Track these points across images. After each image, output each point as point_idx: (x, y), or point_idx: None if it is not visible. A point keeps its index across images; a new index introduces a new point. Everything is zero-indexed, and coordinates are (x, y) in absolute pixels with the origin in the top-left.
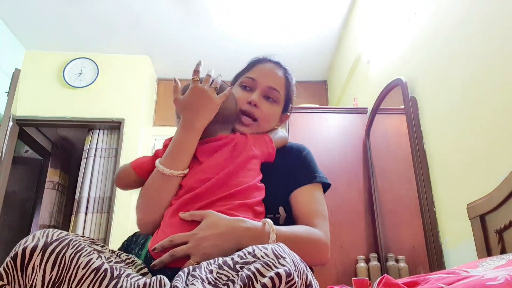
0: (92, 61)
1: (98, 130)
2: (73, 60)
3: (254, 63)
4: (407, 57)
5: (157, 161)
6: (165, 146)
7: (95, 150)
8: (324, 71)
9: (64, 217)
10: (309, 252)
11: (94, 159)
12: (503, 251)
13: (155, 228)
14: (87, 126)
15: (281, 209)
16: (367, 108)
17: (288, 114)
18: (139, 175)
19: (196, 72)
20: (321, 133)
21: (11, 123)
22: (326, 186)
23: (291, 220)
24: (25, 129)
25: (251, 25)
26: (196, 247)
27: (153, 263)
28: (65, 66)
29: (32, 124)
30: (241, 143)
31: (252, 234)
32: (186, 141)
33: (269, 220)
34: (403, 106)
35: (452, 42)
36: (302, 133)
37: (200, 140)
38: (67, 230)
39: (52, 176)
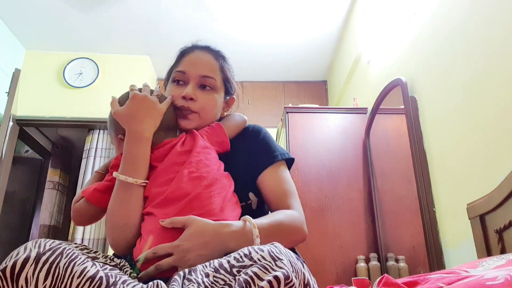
0: (92, 61)
1: (98, 130)
2: (73, 60)
3: (181, 55)
4: (407, 57)
5: (115, 173)
6: (114, 165)
7: (95, 150)
8: (324, 71)
9: (64, 217)
10: (291, 236)
11: (94, 159)
12: (503, 251)
13: (130, 246)
14: (87, 126)
15: (251, 195)
16: (367, 108)
17: (234, 97)
18: (96, 204)
19: (132, 86)
20: (321, 133)
21: (11, 123)
22: (290, 162)
23: (262, 202)
24: (25, 129)
25: (251, 25)
26: (182, 259)
27: (139, 276)
28: (65, 66)
29: (32, 124)
30: (189, 138)
31: (237, 236)
32: (138, 152)
33: (248, 217)
34: (403, 106)
35: (452, 42)
36: (302, 133)
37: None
38: (68, 230)
39: (52, 176)
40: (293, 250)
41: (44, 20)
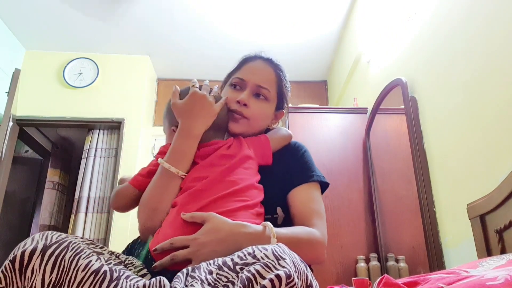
0: (92, 61)
1: (98, 130)
2: (73, 60)
3: (243, 62)
4: (407, 57)
5: (160, 160)
6: (161, 152)
7: (95, 150)
8: (324, 71)
9: (64, 217)
10: (307, 253)
11: (94, 159)
12: (503, 251)
13: (156, 231)
14: (87, 126)
15: (279, 210)
16: (367, 108)
17: (283, 111)
18: (137, 187)
19: (193, 83)
20: (321, 133)
21: (11, 123)
22: (324, 186)
23: (289, 220)
24: (25, 129)
25: (251, 26)
26: (196, 253)
27: (154, 265)
28: (65, 66)
29: (32, 124)
30: (235, 144)
31: (253, 239)
32: (185, 147)
33: (269, 223)
34: (403, 106)
35: (452, 42)
36: (302, 133)
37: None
38: (67, 230)
39: (52, 176)
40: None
41: (44, 20)
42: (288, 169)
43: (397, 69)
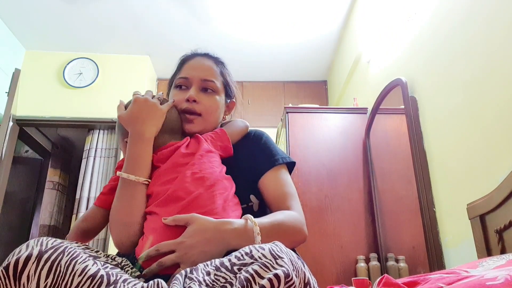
0: (92, 61)
1: (98, 130)
2: (73, 60)
3: (182, 63)
4: (407, 57)
5: (118, 172)
6: (119, 166)
7: (95, 150)
8: (324, 71)
9: (64, 217)
10: (292, 236)
11: (94, 159)
12: (503, 251)
13: (133, 246)
14: (87, 126)
15: (252, 197)
16: (367, 108)
17: (234, 100)
18: (103, 206)
19: (135, 92)
20: (321, 133)
21: (11, 123)
22: (291, 166)
23: (264, 204)
24: (25, 129)
25: (251, 26)
26: (184, 256)
27: (143, 273)
28: (65, 66)
29: (32, 124)
30: (193, 141)
31: (238, 233)
32: (140, 152)
33: (250, 216)
34: (403, 106)
35: (452, 42)
36: (302, 133)
37: (153, 153)
38: (67, 230)
39: (52, 176)
40: (294, 251)
41: (44, 20)
42: (252, 157)
43: (397, 69)
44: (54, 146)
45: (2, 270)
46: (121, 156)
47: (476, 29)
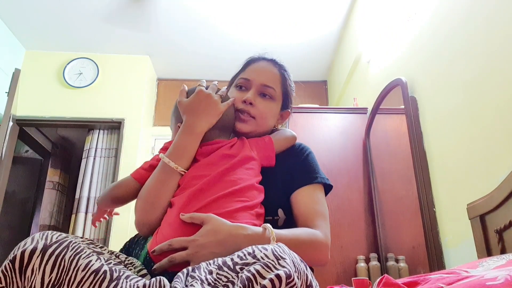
0: (92, 61)
1: (98, 130)
2: (73, 60)
3: (247, 64)
4: (407, 57)
5: (161, 154)
6: (164, 148)
7: (95, 150)
8: (324, 71)
9: (64, 217)
10: (309, 254)
11: (94, 159)
12: (503, 251)
13: (153, 230)
14: (87, 126)
15: (280, 211)
16: (367, 108)
17: (289, 111)
18: (138, 180)
19: (201, 82)
20: (321, 133)
21: (11, 123)
22: (327, 188)
23: (290, 222)
24: (25, 129)
25: (251, 26)
26: (195, 255)
27: (153, 267)
28: (65, 66)
29: (32, 124)
30: (238, 144)
31: (252, 241)
32: (187, 143)
33: (268, 225)
34: (403, 106)
35: (452, 42)
36: (302, 133)
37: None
38: (67, 230)
39: (52, 176)
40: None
41: (44, 20)
42: (291, 171)
43: (397, 69)
44: (54, 146)
45: (8, 263)
46: (122, 156)
47: (476, 29)
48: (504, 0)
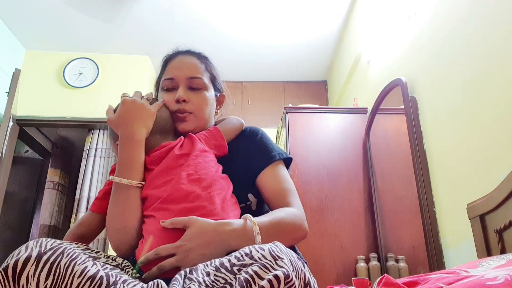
0: (92, 61)
1: (98, 130)
2: (73, 60)
3: (165, 63)
4: (407, 57)
5: (111, 176)
6: (113, 170)
7: (95, 150)
8: (324, 71)
9: (64, 217)
10: (292, 233)
11: (94, 159)
12: (503, 251)
13: (132, 250)
14: (87, 126)
15: (250, 196)
16: (367, 108)
17: (224, 94)
18: (98, 212)
19: (123, 94)
20: (321, 133)
21: (11, 123)
22: (288, 162)
23: (262, 203)
24: (25, 129)
25: (251, 26)
26: (184, 259)
27: (143, 277)
28: (65, 66)
29: (32, 124)
30: (187, 141)
31: (238, 234)
32: (131, 154)
33: (248, 215)
34: (403, 106)
35: (452, 42)
36: (302, 133)
37: (146, 155)
38: (67, 230)
39: (52, 176)
40: (294, 250)
41: (44, 20)
42: (249, 155)
43: (397, 69)
44: (54, 146)
45: (1, 272)
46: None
47: (476, 29)
48: (504, 0)
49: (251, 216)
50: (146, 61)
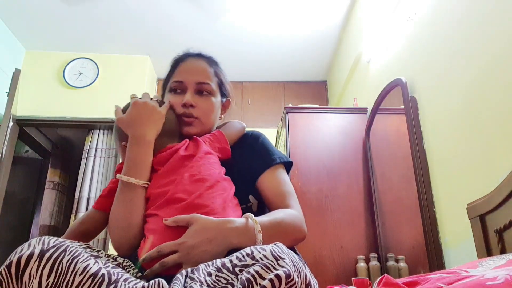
0: (92, 61)
1: (98, 130)
2: (73, 60)
3: (175, 65)
4: (407, 57)
5: (118, 175)
6: (118, 169)
7: (95, 150)
8: (324, 71)
9: (64, 217)
10: (292, 233)
11: (94, 159)
12: (503, 251)
13: (133, 249)
14: (87, 126)
15: (251, 198)
16: (367, 108)
17: (229, 99)
18: (101, 209)
19: (132, 95)
20: (321, 133)
21: (11, 123)
22: (288, 165)
23: (263, 205)
24: (25, 129)
25: (251, 26)
26: (187, 256)
27: (145, 273)
28: (65, 66)
29: (32, 124)
30: (192, 144)
31: (240, 232)
32: (141, 154)
33: (250, 214)
34: (403, 106)
35: (452, 42)
36: (302, 133)
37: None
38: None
39: (52, 176)
40: (294, 251)
41: (44, 20)
42: (250, 158)
43: (397, 69)
44: (54, 146)
45: (4, 269)
46: (121, 157)
47: (475, 29)
48: (504, 0)
49: (252, 215)
50: (146, 61)
